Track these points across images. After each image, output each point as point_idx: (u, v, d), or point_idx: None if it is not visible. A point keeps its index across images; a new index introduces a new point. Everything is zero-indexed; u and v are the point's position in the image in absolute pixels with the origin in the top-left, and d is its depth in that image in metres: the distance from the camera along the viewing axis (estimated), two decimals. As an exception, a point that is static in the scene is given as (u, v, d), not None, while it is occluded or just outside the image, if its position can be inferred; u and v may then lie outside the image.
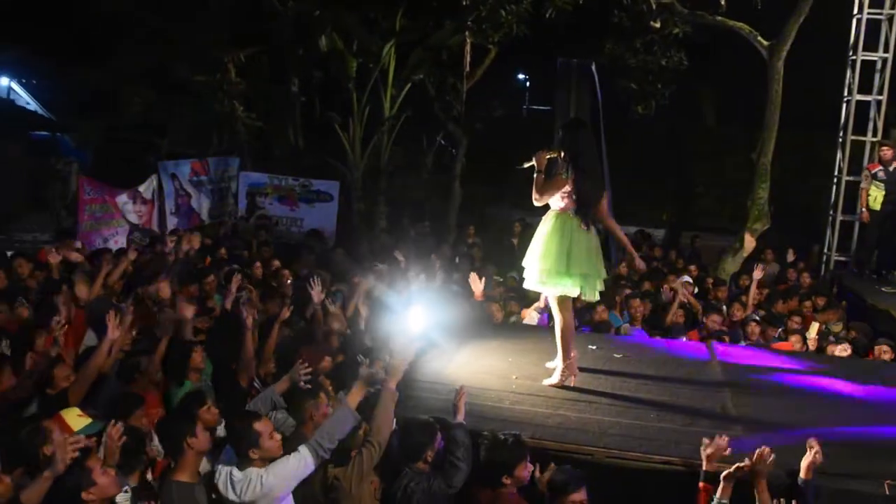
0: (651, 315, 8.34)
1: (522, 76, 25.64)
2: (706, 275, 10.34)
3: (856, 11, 11.38)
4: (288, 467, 3.93)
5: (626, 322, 8.17)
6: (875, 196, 10.41)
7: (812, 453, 3.95)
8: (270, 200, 13.32)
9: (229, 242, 10.45)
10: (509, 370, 5.70)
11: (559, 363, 5.43)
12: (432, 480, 4.07)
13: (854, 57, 11.46)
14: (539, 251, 5.26)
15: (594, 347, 6.35)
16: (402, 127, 13.94)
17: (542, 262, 5.22)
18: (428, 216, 14.70)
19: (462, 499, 4.16)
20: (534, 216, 5.65)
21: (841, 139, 11.79)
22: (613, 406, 5.10)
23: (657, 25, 11.34)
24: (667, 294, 8.86)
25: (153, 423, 4.66)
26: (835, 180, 11.90)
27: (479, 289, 7.32)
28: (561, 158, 5.16)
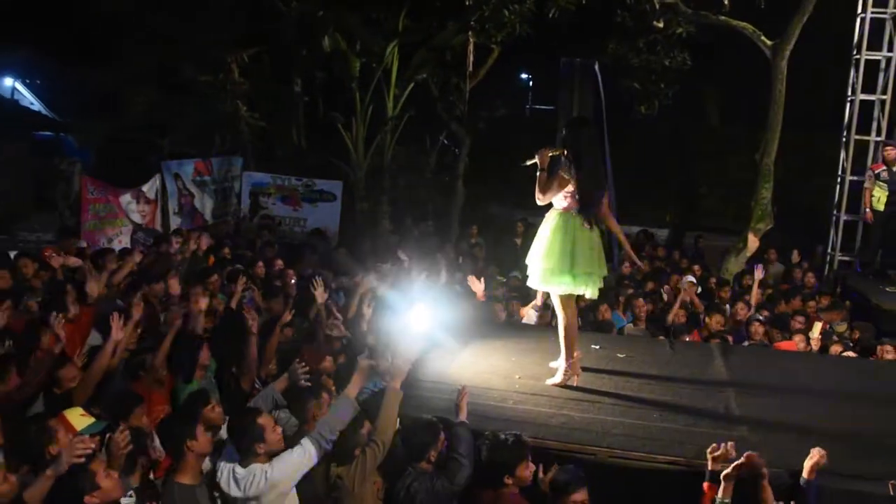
0: (653, 315, 8.34)
1: (525, 76, 25.62)
2: (709, 275, 10.34)
3: (859, 11, 11.35)
4: (292, 460, 3.94)
5: (630, 322, 8.17)
6: (878, 196, 10.39)
7: (817, 456, 3.95)
8: (273, 200, 13.35)
9: (232, 242, 10.47)
10: (512, 370, 5.70)
11: (562, 363, 5.43)
12: (435, 480, 4.08)
13: (858, 56, 11.44)
14: (542, 250, 5.26)
15: (597, 347, 6.35)
16: (406, 127, 13.94)
17: (545, 262, 5.23)
18: (431, 216, 14.69)
19: (464, 499, 4.16)
20: (536, 216, 5.64)
21: (844, 139, 11.77)
22: (617, 406, 5.09)
23: (660, 25, 11.33)
24: (668, 294, 8.86)
25: (157, 422, 4.67)
26: (838, 180, 11.88)
27: (480, 289, 7.32)
28: (564, 157, 5.16)
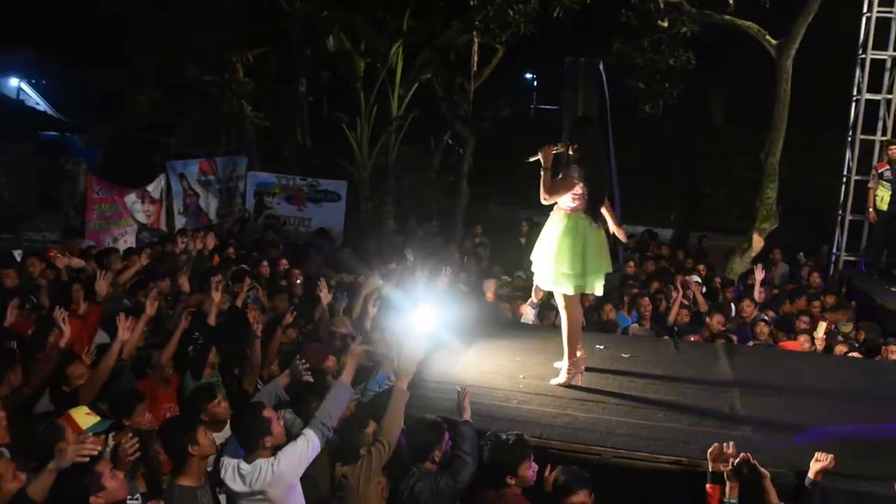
0: (657, 315, 8.33)
1: (530, 76, 25.61)
2: (714, 275, 10.32)
3: (865, 10, 11.30)
4: (297, 451, 3.96)
5: (634, 322, 8.16)
6: (882, 196, 10.35)
7: (826, 460, 3.92)
8: (278, 200, 13.37)
9: (237, 242, 10.49)
10: (517, 370, 5.70)
11: (565, 362, 5.43)
12: (439, 479, 4.08)
13: (863, 56, 11.39)
14: (552, 252, 5.23)
15: (601, 347, 6.34)
16: (410, 127, 13.94)
17: (557, 264, 5.20)
18: (435, 216, 14.70)
19: (466, 499, 4.16)
20: (541, 215, 5.63)
21: (850, 138, 11.72)
22: (621, 406, 5.09)
23: (665, 24, 11.32)
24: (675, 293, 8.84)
25: (162, 420, 4.67)
26: (844, 180, 11.84)
27: (492, 290, 7.35)
28: (569, 156, 5.15)
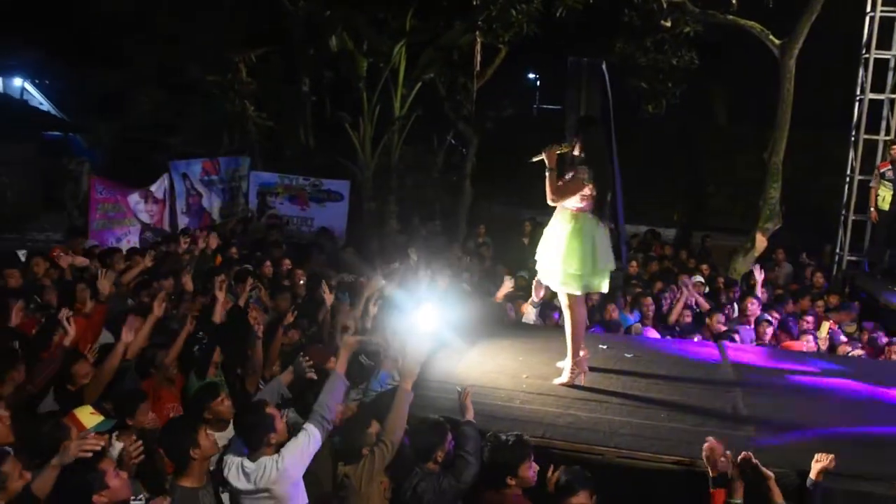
0: (659, 315, 8.33)
1: (533, 75, 25.63)
2: (717, 274, 10.31)
3: (869, 9, 11.28)
4: (300, 446, 3.99)
5: (637, 321, 8.16)
6: (884, 196, 10.34)
7: (827, 460, 3.92)
8: (281, 200, 13.37)
9: (240, 242, 10.50)
10: (520, 369, 5.70)
11: (568, 361, 5.43)
12: (442, 479, 4.08)
13: (867, 55, 11.37)
14: (561, 253, 5.22)
15: (605, 347, 6.35)
16: (413, 126, 13.94)
17: (566, 265, 5.20)
18: (438, 215, 14.70)
19: (468, 500, 4.16)
20: (544, 215, 5.63)
21: (853, 138, 11.71)
22: (624, 406, 5.09)
23: (668, 24, 11.30)
24: (676, 293, 8.84)
25: (166, 420, 4.68)
26: (847, 179, 11.82)
27: (503, 291, 7.36)
28: (574, 156, 5.15)
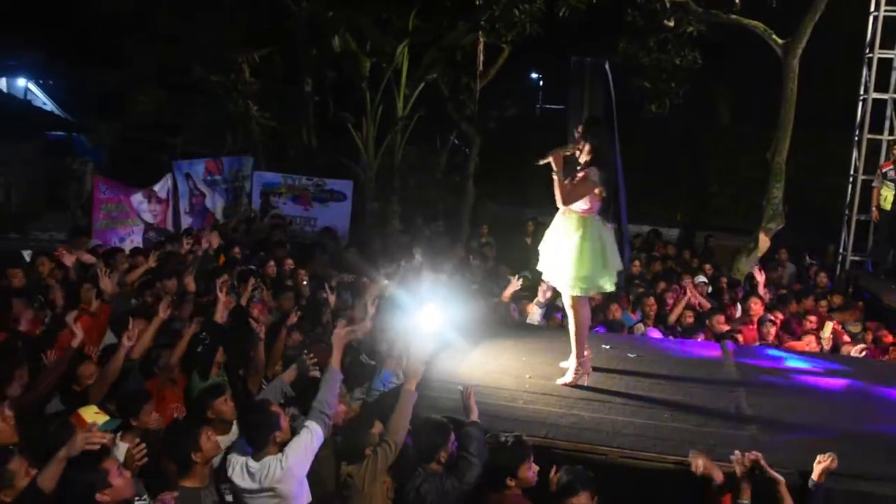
0: (661, 315, 8.33)
1: (536, 75, 25.58)
2: (720, 274, 10.30)
3: (872, 9, 11.27)
4: (302, 443, 4.00)
5: (640, 321, 8.16)
6: (886, 195, 10.33)
7: (828, 461, 3.92)
8: (284, 200, 13.37)
9: (243, 242, 10.51)
10: (523, 369, 5.70)
11: (573, 362, 5.43)
12: (445, 480, 4.08)
13: (870, 55, 11.36)
14: (572, 257, 5.21)
15: (608, 347, 6.34)
16: (416, 126, 13.95)
17: (579, 269, 5.19)
18: (441, 215, 14.70)
19: (470, 501, 4.15)
20: (546, 215, 5.65)
21: (857, 138, 11.69)
22: (627, 406, 5.09)
23: (671, 24, 11.28)
24: (679, 294, 8.83)
25: (169, 420, 4.70)
26: (850, 179, 11.81)
27: (510, 291, 7.36)
28: (586, 159, 5.16)
